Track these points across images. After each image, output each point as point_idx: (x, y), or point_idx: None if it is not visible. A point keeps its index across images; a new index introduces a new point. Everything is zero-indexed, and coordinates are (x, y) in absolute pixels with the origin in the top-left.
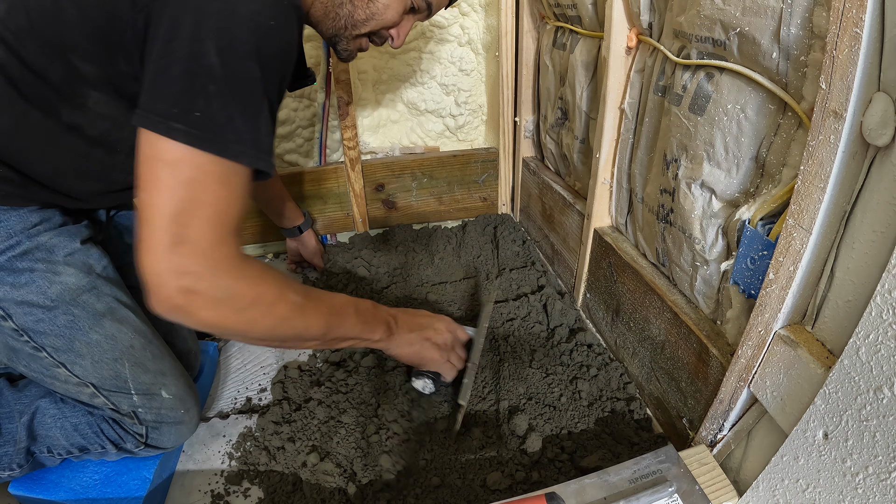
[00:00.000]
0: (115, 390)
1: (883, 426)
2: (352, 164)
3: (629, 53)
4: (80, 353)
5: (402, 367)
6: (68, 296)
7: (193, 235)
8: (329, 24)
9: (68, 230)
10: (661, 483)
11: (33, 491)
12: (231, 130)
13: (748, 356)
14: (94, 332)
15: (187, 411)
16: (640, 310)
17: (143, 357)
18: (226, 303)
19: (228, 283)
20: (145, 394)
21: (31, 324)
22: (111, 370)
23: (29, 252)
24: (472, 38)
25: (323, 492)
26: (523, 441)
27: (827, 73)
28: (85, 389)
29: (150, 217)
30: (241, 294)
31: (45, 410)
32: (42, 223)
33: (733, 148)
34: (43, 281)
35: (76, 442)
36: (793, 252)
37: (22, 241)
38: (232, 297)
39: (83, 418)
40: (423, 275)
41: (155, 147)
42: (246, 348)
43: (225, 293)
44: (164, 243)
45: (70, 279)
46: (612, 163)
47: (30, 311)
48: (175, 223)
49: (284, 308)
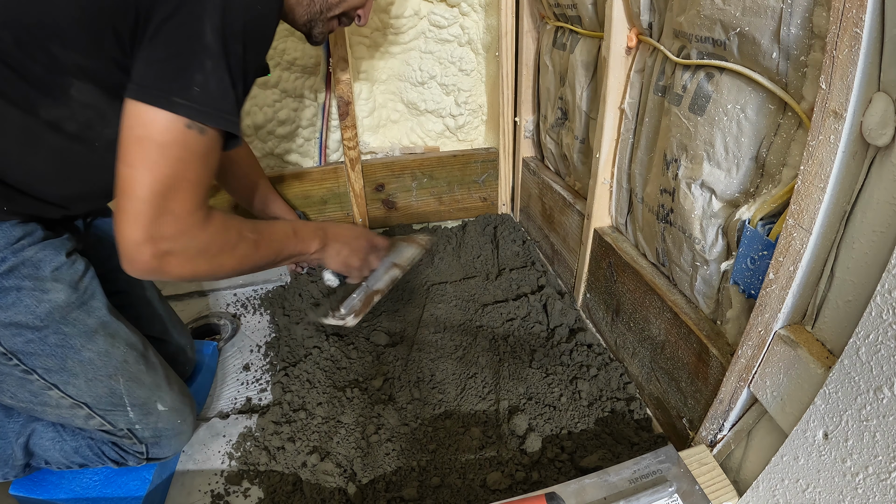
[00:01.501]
0: (110, 408)
1: (883, 426)
2: (352, 164)
3: (629, 53)
4: (73, 372)
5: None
6: (58, 314)
7: (176, 208)
8: (303, 10)
9: (52, 243)
10: (661, 483)
11: (33, 492)
12: (226, 104)
13: (748, 356)
14: (86, 350)
15: (184, 420)
16: (640, 310)
17: (138, 371)
18: (199, 256)
19: (202, 239)
20: (141, 408)
21: (20, 346)
22: (106, 387)
23: (15, 269)
24: (472, 38)
25: (323, 492)
26: (523, 441)
27: (827, 73)
28: (79, 411)
29: (134, 191)
30: (211, 245)
31: (42, 434)
32: (25, 237)
33: (733, 148)
34: (31, 300)
35: (76, 461)
36: (793, 252)
37: (7, 257)
38: (204, 251)
39: (83, 441)
40: (423, 275)
41: (146, 120)
42: (245, 348)
43: (198, 249)
44: (146, 215)
45: (59, 296)
46: (612, 163)
47: (18, 332)
48: (160, 197)
49: (244, 247)
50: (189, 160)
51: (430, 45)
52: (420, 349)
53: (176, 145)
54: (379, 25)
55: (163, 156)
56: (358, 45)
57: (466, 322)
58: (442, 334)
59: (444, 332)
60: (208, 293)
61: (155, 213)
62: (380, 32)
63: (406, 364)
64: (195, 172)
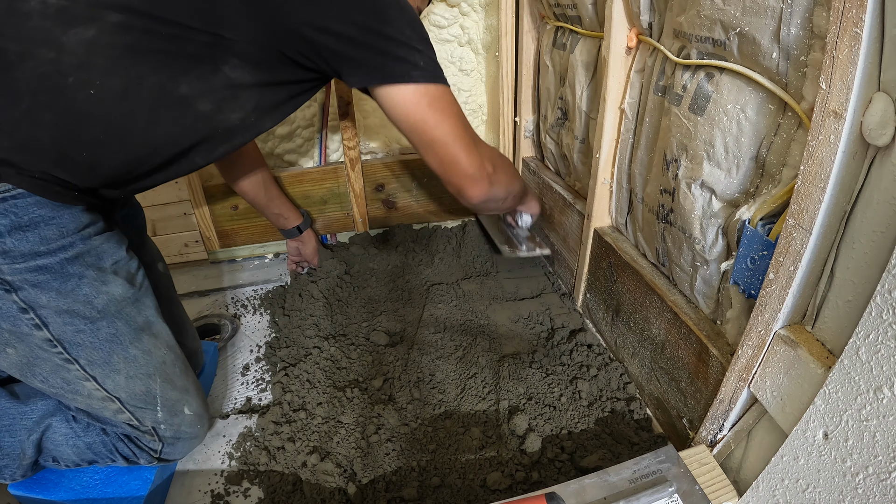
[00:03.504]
0: (142, 406)
1: (883, 426)
2: (352, 164)
3: (629, 53)
4: (115, 367)
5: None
6: (114, 307)
7: (477, 139)
8: None
9: (114, 236)
10: (661, 483)
11: (33, 491)
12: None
13: (748, 356)
14: (133, 347)
15: (203, 426)
16: (640, 310)
17: (173, 373)
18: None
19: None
20: (170, 410)
21: (69, 334)
22: (143, 386)
23: (81, 256)
24: (472, 38)
25: (323, 492)
26: (523, 441)
27: (827, 73)
28: (111, 405)
29: (456, 141)
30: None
31: (57, 429)
32: (91, 225)
33: (733, 148)
34: (90, 289)
35: (87, 458)
36: (793, 252)
37: (75, 242)
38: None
39: (97, 437)
40: (423, 275)
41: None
42: (245, 348)
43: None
44: (474, 152)
45: (117, 289)
46: (612, 163)
47: (72, 321)
48: (472, 137)
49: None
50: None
51: None
52: (420, 349)
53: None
54: None
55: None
56: None
57: (466, 322)
58: (442, 334)
59: (444, 332)
60: (208, 293)
61: (472, 145)
62: None
63: (406, 364)
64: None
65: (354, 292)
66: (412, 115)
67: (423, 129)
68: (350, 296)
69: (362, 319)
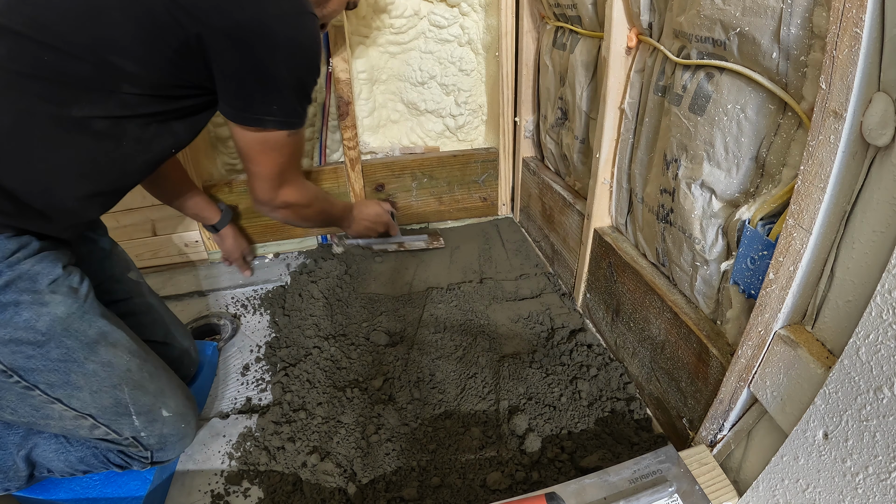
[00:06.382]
0: (115, 417)
1: (883, 426)
2: (352, 164)
3: (629, 53)
4: (77, 385)
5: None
6: (59, 326)
7: (289, 177)
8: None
9: (48, 255)
10: (661, 483)
11: (33, 491)
12: (299, 115)
13: (748, 356)
14: (89, 362)
15: (188, 424)
16: (640, 310)
17: (141, 378)
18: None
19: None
20: (147, 416)
21: (21, 362)
22: (111, 398)
23: (11, 283)
24: (472, 38)
25: (323, 492)
26: (523, 441)
27: (827, 73)
28: (84, 422)
29: (263, 177)
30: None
31: (45, 445)
32: (20, 250)
33: (733, 148)
34: (30, 314)
35: (81, 468)
36: (793, 252)
37: (3, 271)
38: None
39: (88, 451)
40: (423, 275)
41: (259, 136)
42: (245, 348)
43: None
44: (274, 188)
45: (59, 308)
46: (612, 163)
47: (19, 348)
48: (279, 177)
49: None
50: (291, 150)
51: (430, 45)
52: (420, 349)
53: (284, 145)
54: (379, 25)
55: (279, 152)
56: (358, 45)
57: (466, 322)
58: (442, 334)
59: (444, 332)
60: (208, 293)
61: (278, 186)
62: (380, 32)
63: (406, 364)
64: (295, 155)
65: (354, 292)
66: (240, 145)
67: (245, 157)
68: (350, 296)
69: (362, 319)
